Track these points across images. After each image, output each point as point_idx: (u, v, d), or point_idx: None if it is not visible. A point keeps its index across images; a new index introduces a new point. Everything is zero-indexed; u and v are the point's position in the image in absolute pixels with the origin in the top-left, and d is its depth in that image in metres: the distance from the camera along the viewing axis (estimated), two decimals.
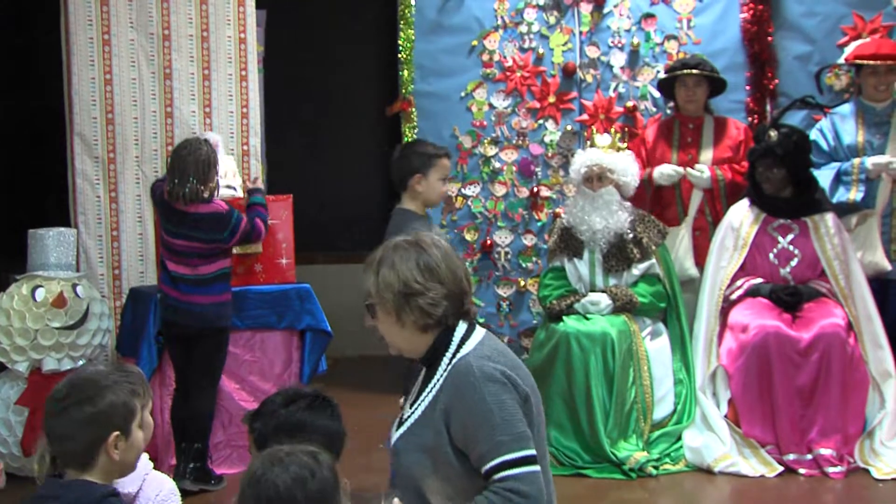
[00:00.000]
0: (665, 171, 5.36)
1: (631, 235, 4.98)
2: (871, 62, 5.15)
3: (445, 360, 2.36)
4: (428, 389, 2.37)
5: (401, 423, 2.43)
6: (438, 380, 2.35)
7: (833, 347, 4.65)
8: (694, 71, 5.39)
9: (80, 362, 4.76)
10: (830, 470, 4.56)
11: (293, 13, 7.32)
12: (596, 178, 5.00)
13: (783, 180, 4.96)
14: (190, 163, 4.39)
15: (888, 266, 5.03)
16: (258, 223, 4.61)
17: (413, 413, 2.38)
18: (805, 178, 5.01)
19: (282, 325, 4.97)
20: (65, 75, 5.38)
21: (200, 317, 4.50)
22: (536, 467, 2.27)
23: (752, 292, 4.94)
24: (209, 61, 5.53)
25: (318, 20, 7.69)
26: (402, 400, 2.57)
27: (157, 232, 4.76)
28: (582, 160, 5.08)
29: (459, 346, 2.36)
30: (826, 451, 4.60)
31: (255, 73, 5.71)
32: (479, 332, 2.40)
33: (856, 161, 5.13)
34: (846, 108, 5.36)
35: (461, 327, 2.38)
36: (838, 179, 5.13)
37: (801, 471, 4.59)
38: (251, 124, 5.64)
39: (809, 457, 4.63)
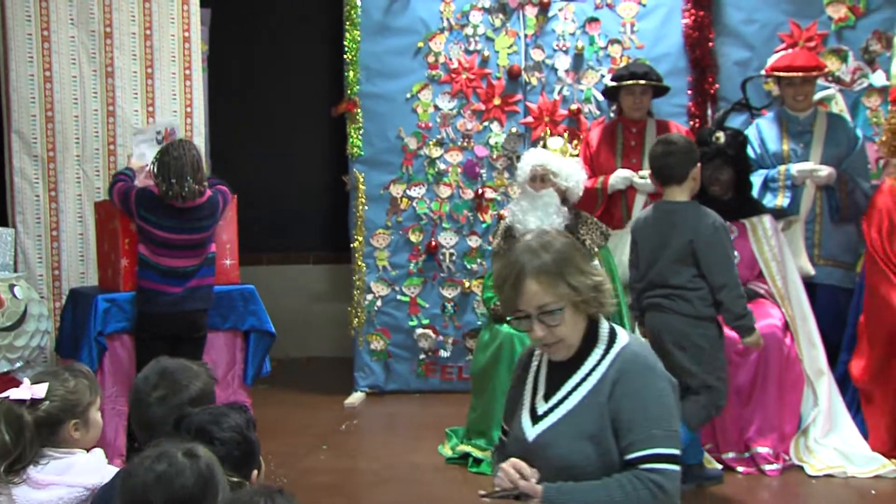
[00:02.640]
0: (620, 176, 5.45)
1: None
2: (786, 74, 5.27)
3: (599, 349, 2.41)
4: (579, 378, 2.39)
5: (537, 417, 2.43)
6: (595, 368, 2.38)
7: (771, 348, 4.74)
8: (641, 81, 5.46)
9: (18, 364, 4.68)
10: (767, 468, 4.65)
11: (238, 12, 7.26)
12: (539, 179, 5.02)
13: (730, 181, 5.04)
14: (186, 163, 4.52)
15: (812, 270, 5.17)
16: (224, 189, 4.81)
17: (562, 404, 2.39)
18: (745, 179, 5.10)
19: (225, 327, 4.94)
20: (2, 71, 5.29)
21: (205, 298, 4.69)
22: (679, 468, 2.32)
23: None
24: (152, 60, 5.47)
25: (264, 19, 7.64)
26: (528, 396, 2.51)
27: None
28: (528, 159, 5.09)
29: (612, 336, 2.42)
30: (763, 450, 4.69)
31: (200, 73, 5.66)
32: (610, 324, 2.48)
33: (782, 168, 5.25)
34: (772, 114, 5.48)
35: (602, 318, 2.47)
36: (765, 186, 5.25)
37: (739, 469, 4.68)
38: (195, 124, 5.59)
39: (747, 455, 4.72)
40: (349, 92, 6.23)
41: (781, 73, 5.30)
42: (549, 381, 2.46)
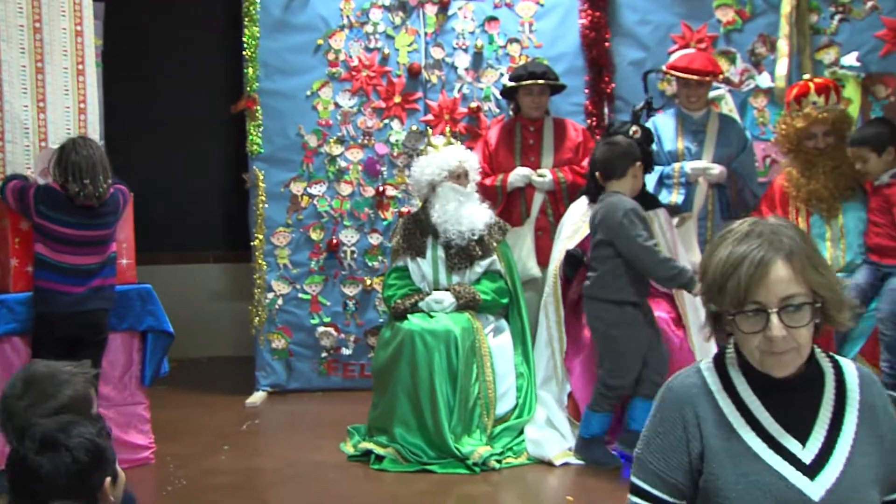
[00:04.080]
0: (519, 175, 5.53)
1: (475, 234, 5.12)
2: (682, 75, 5.44)
3: (828, 369, 1.96)
4: (830, 409, 1.92)
5: (807, 468, 1.87)
6: (845, 394, 1.93)
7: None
8: (540, 81, 5.55)
9: None
10: None
11: (133, 6, 7.11)
12: (464, 175, 5.15)
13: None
14: (96, 162, 4.49)
15: None
16: (123, 188, 4.76)
17: (835, 446, 1.89)
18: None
19: (122, 327, 4.84)
20: None
21: (108, 297, 4.62)
22: None
23: (568, 258, 5.08)
24: (42, 54, 5.30)
25: (159, 14, 7.49)
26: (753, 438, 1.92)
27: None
28: (445, 158, 5.15)
29: (827, 353, 1.99)
30: None
31: (93, 68, 5.51)
32: None
33: (676, 165, 5.41)
34: (669, 113, 5.64)
35: None
36: (661, 182, 5.41)
37: None
38: (89, 120, 5.45)
39: None
40: (248, 89, 6.17)
41: (679, 74, 5.44)
42: (778, 417, 1.91)
